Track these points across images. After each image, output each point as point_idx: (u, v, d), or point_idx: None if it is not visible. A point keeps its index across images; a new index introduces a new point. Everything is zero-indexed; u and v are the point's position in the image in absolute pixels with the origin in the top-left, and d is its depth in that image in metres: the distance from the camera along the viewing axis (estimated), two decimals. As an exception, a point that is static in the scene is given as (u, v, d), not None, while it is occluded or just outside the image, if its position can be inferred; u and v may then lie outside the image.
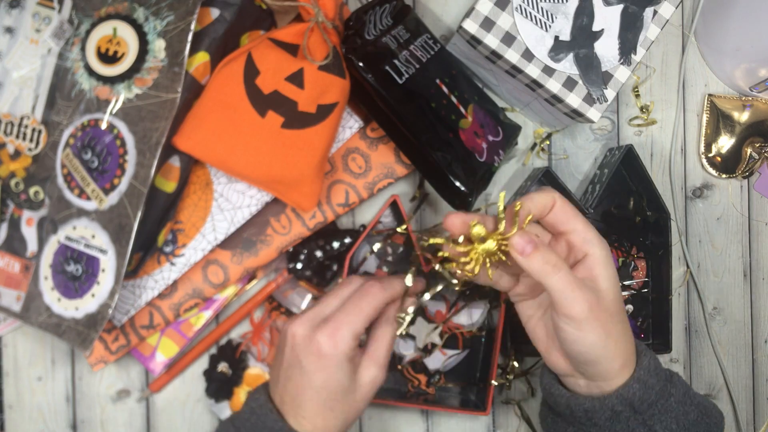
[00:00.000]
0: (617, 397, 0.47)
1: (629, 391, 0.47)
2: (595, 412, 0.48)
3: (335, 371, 0.48)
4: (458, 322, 0.65)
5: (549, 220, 0.49)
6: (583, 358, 0.47)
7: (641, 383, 0.47)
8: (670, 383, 0.49)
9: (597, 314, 0.46)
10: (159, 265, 0.60)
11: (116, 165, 0.53)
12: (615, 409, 0.47)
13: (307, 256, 0.63)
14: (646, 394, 0.47)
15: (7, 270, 0.59)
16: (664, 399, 0.48)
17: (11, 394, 0.65)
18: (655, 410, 0.48)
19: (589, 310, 0.45)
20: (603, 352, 0.46)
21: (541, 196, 0.48)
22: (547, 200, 0.48)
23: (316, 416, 0.48)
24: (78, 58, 0.55)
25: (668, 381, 0.49)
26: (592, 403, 0.48)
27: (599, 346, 0.46)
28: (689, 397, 0.49)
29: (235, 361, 0.64)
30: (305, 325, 0.50)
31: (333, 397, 0.48)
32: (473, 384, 0.66)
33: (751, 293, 0.72)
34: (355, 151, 0.63)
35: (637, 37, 0.59)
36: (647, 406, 0.47)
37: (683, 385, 0.50)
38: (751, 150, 0.71)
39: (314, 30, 0.54)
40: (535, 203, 0.48)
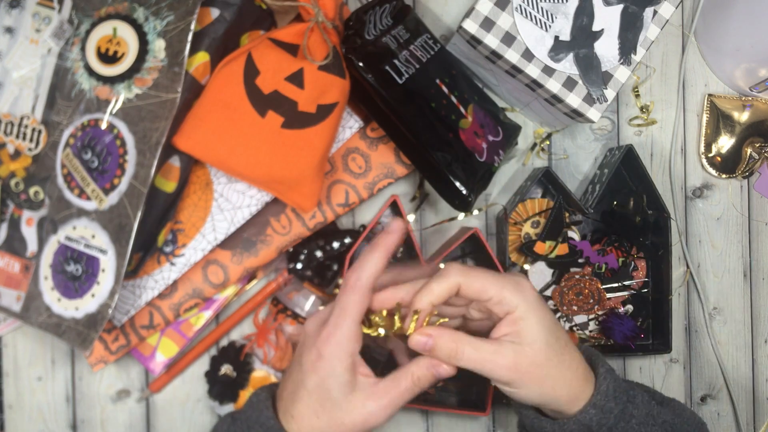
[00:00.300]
0: (575, 423, 0.48)
1: (586, 416, 0.48)
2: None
3: (328, 375, 0.47)
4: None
5: (461, 296, 0.48)
6: (526, 405, 0.50)
7: (598, 408, 0.48)
8: (631, 404, 0.49)
9: (522, 372, 0.47)
10: (159, 265, 0.60)
11: (116, 165, 0.53)
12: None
13: (307, 256, 0.63)
14: (604, 418, 0.48)
15: (7, 270, 0.59)
16: (624, 422, 0.48)
17: (11, 394, 0.65)
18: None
19: (511, 372, 0.46)
20: (541, 399, 0.48)
21: (441, 285, 0.47)
22: (449, 288, 0.47)
23: (303, 418, 0.48)
24: (78, 58, 0.55)
25: (630, 402, 0.49)
26: (552, 427, 0.49)
27: (535, 396, 0.48)
28: (652, 416, 0.49)
29: (239, 364, 0.63)
30: (315, 322, 0.50)
31: (321, 403, 0.47)
32: (473, 384, 0.66)
33: (751, 293, 0.72)
34: (355, 151, 0.63)
35: (637, 37, 0.59)
36: (606, 430, 0.48)
37: (646, 405, 0.50)
38: (751, 150, 0.71)
39: (314, 30, 0.54)
40: (436, 295, 0.47)
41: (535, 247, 0.65)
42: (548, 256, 0.65)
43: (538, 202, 0.66)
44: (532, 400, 0.48)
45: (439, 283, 0.47)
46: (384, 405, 0.47)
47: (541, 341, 0.47)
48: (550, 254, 0.65)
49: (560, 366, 0.48)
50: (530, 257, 0.66)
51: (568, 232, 0.66)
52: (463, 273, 0.47)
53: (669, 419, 0.50)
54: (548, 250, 0.65)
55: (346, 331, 0.47)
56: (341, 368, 0.47)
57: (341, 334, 0.47)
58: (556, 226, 0.65)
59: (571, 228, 0.67)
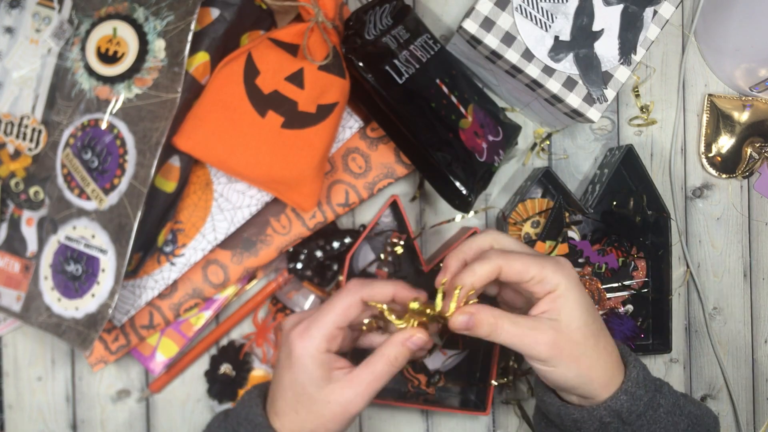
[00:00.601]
0: (605, 409, 0.48)
1: (617, 402, 0.47)
2: (583, 423, 0.49)
3: (300, 372, 0.47)
4: None
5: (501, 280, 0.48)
6: (560, 387, 0.49)
7: (629, 395, 0.48)
8: (659, 394, 0.49)
9: (560, 349, 0.46)
10: (159, 265, 0.60)
11: (116, 165, 0.53)
12: (603, 420, 0.48)
13: (307, 256, 0.63)
14: (634, 405, 0.48)
15: (7, 270, 0.59)
16: (652, 410, 0.48)
17: (11, 394, 0.65)
18: (643, 421, 0.48)
19: (549, 349, 0.46)
20: (577, 380, 0.48)
21: (483, 267, 0.47)
22: (491, 270, 0.47)
23: (285, 415, 0.48)
24: (78, 58, 0.55)
25: (657, 391, 0.49)
26: (581, 414, 0.49)
27: (572, 377, 0.47)
28: (679, 407, 0.50)
29: (238, 363, 0.63)
30: (292, 321, 0.50)
31: (297, 399, 0.47)
32: (473, 384, 0.66)
33: (751, 293, 0.72)
34: (355, 151, 0.63)
35: (637, 37, 0.59)
36: (636, 417, 0.48)
37: (673, 395, 0.50)
38: (751, 150, 0.71)
39: (314, 30, 0.54)
40: (479, 276, 0.47)
41: (535, 247, 0.65)
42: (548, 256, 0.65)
43: (538, 202, 0.66)
44: (567, 381, 0.48)
45: (481, 265, 0.47)
46: (361, 391, 0.47)
47: (579, 320, 0.47)
48: (550, 254, 0.65)
49: (597, 347, 0.48)
50: (530, 257, 0.66)
51: (568, 232, 0.66)
52: (503, 255, 0.47)
53: (693, 410, 0.50)
54: (548, 250, 0.65)
55: (322, 329, 0.47)
56: (312, 365, 0.47)
57: (315, 332, 0.47)
58: (556, 226, 0.65)
59: (571, 228, 0.67)
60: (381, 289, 0.49)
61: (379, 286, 0.49)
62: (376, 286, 0.49)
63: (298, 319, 0.49)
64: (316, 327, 0.47)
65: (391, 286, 0.49)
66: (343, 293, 0.48)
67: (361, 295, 0.48)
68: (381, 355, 0.48)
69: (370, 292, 0.48)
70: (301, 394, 0.47)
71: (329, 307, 0.48)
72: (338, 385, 0.47)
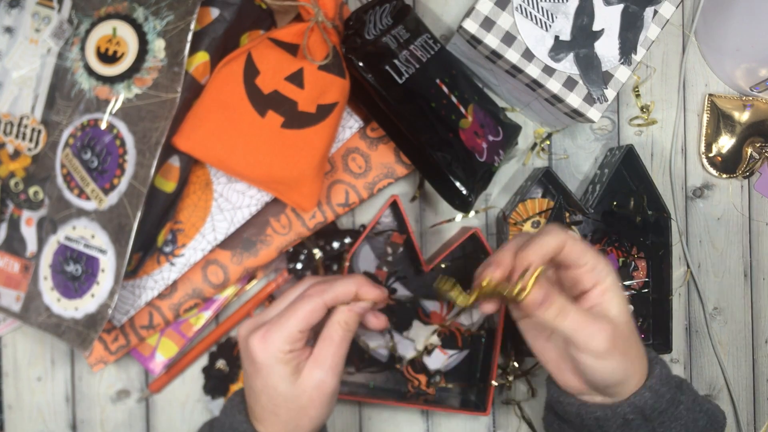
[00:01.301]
0: (629, 405, 0.48)
1: (641, 399, 0.47)
2: (606, 420, 0.48)
3: (268, 376, 0.47)
4: (458, 322, 0.65)
5: (558, 260, 0.48)
6: (605, 384, 0.48)
7: (653, 392, 0.48)
8: (679, 391, 0.49)
9: (614, 342, 0.46)
10: (159, 265, 0.60)
11: (116, 165, 0.53)
12: (626, 417, 0.48)
13: (307, 256, 0.63)
14: (657, 402, 0.48)
15: (6, 270, 0.59)
16: (674, 407, 0.49)
17: (11, 395, 0.65)
18: (665, 418, 0.48)
19: (607, 341, 0.46)
20: (623, 375, 0.48)
21: (550, 240, 0.47)
22: (557, 245, 0.47)
23: (264, 420, 0.48)
24: (77, 58, 0.55)
25: (678, 389, 0.49)
26: (604, 412, 0.48)
27: (620, 371, 0.47)
28: (698, 404, 0.50)
29: (233, 359, 0.64)
30: (248, 328, 0.49)
31: (274, 402, 0.47)
32: (473, 384, 0.66)
33: (751, 293, 0.72)
34: (355, 151, 0.63)
35: (637, 37, 0.58)
36: (658, 414, 0.48)
37: (692, 392, 0.50)
38: (751, 150, 0.71)
39: (314, 30, 0.54)
40: (546, 249, 0.47)
41: (536, 247, 0.65)
42: (548, 256, 0.65)
43: (538, 202, 0.66)
44: (614, 375, 0.47)
45: (548, 238, 0.47)
46: (329, 366, 0.47)
47: (623, 316, 0.47)
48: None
49: (637, 344, 0.48)
50: (530, 257, 0.66)
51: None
52: (567, 235, 0.48)
53: (710, 408, 0.51)
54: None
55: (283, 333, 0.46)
56: (278, 365, 0.47)
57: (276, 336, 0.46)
58: (557, 226, 0.65)
59: (571, 228, 0.67)
60: (344, 289, 0.48)
61: (342, 287, 0.48)
62: (338, 288, 0.48)
63: (254, 325, 0.49)
64: (276, 332, 0.47)
65: (353, 284, 0.48)
66: (305, 299, 0.48)
67: (323, 300, 0.47)
68: (332, 323, 0.48)
69: (333, 295, 0.48)
70: (275, 396, 0.47)
71: (291, 312, 0.47)
72: (305, 371, 0.47)
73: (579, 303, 0.48)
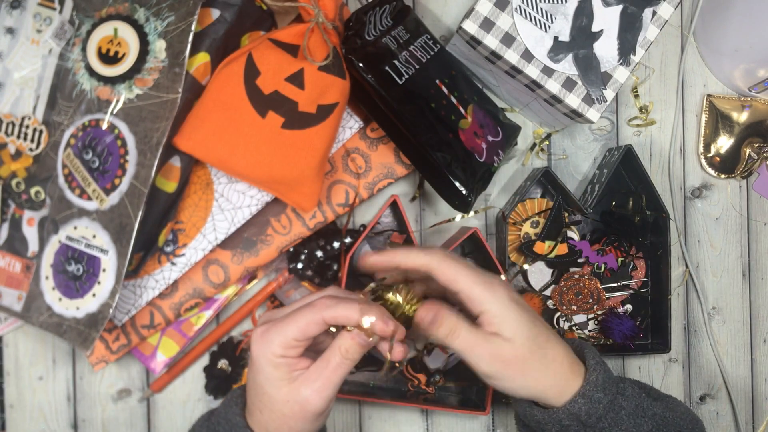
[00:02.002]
0: (563, 412, 0.48)
1: (575, 406, 0.48)
2: (545, 425, 0.50)
3: (258, 373, 0.47)
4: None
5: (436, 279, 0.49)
6: (512, 395, 0.50)
7: (587, 398, 0.48)
8: (621, 396, 0.49)
9: (505, 364, 0.47)
10: (160, 264, 0.60)
11: (117, 165, 0.53)
12: (563, 423, 0.49)
13: (308, 255, 0.63)
14: (593, 408, 0.48)
15: (8, 270, 0.59)
16: (613, 412, 0.49)
17: (12, 394, 0.65)
18: (604, 423, 0.49)
19: (494, 365, 0.47)
20: (525, 392, 0.49)
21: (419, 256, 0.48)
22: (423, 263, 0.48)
23: (252, 414, 0.48)
24: (79, 59, 0.56)
25: (619, 394, 0.49)
26: (542, 416, 0.50)
27: (518, 389, 0.49)
28: (642, 409, 0.50)
29: (235, 359, 0.64)
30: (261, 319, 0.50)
31: (260, 398, 0.47)
32: (473, 383, 0.66)
33: (749, 293, 0.72)
34: (355, 151, 0.63)
35: (636, 38, 0.59)
36: (596, 420, 0.48)
37: (636, 397, 0.50)
38: (749, 150, 0.71)
39: (314, 30, 0.54)
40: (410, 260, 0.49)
41: (535, 247, 0.65)
42: (548, 256, 0.65)
43: (537, 202, 0.67)
44: (517, 393, 0.49)
45: (419, 254, 0.48)
46: (318, 387, 0.46)
47: (521, 336, 0.47)
48: (549, 254, 0.65)
49: (544, 359, 0.48)
50: (530, 257, 0.66)
51: (567, 232, 0.67)
52: (443, 257, 0.48)
53: (659, 412, 0.51)
54: (548, 250, 0.65)
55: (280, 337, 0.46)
56: (269, 367, 0.46)
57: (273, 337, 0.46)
58: (556, 226, 0.65)
59: (570, 228, 0.67)
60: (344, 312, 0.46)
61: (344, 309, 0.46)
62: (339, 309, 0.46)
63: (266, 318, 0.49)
64: (275, 333, 0.46)
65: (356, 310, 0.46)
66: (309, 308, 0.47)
67: (323, 316, 0.46)
68: (333, 347, 0.47)
69: (334, 315, 0.46)
70: (261, 395, 0.47)
71: (292, 318, 0.47)
72: (295, 384, 0.46)
73: (478, 322, 0.48)
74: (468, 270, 0.48)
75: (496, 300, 0.47)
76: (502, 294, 0.48)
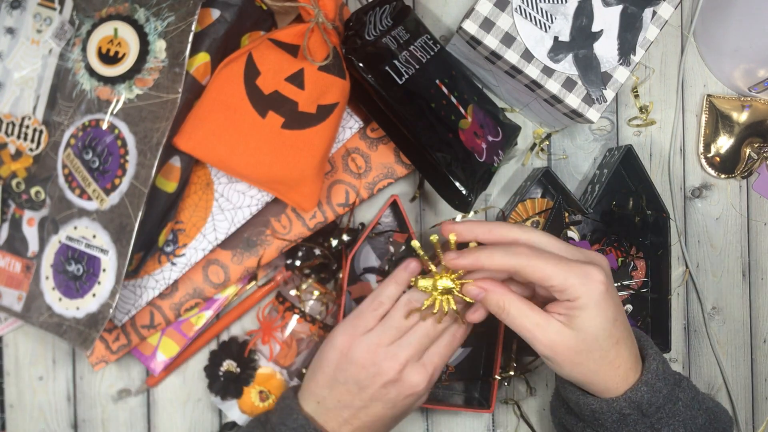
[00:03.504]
0: (625, 400, 0.48)
1: (637, 394, 0.47)
2: (602, 414, 0.49)
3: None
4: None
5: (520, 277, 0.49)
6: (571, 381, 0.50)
7: (649, 386, 0.48)
8: (678, 387, 0.49)
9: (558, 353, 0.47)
10: (160, 264, 0.60)
11: (117, 165, 0.54)
12: (623, 412, 0.48)
13: (306, 253, 0.63)
14: (654, 397, 0.48)
15: (8, 270, 0.59)
16: (671, 403, 0.48)
17: (12, 394, 0.65)
18: (662, 414, 0.48)
19: (547, 350, 0.47)
20: (579, 381, 0.49)
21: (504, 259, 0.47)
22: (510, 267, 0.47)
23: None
24: (79, 59, 0.56)
25: (677, 385, 0.49)
26: (599, 405, 0.49)
27: (573, 377, 0.48)
28: (698, 401, 0.50)
29: (243, 360, 0.63)
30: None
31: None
32: (477, 380, 0.66)
33: (750, 293, 0.72)
34: (355, 151, 0.63)
35: (636, 38, 0.59)
36: (655, 410, 0.48)
37: (692, 389, 0.50)
38: (749, 150, 0.71)
39: (314, 31, 0.54)
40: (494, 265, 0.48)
41: (535, 247, 0.65)
42: (548, 256, 0.65)
43: (537, 202, 0.67)
44: (571, 378, 0.49)
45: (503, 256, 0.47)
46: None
47: (590, 335, 0.47)
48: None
49: (601, 361, 0.47)
50: (530, 257, 0.66)
51: (567, 232, 0.67)
52: (530, 255, 0.47)
53: (711, 406, 0.51)
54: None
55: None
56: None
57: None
58: (556, 226, 0.65)
59: (570, 228, 0.67)
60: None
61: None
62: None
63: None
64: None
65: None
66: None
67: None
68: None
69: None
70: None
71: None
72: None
73: (548, 305, 0.48)
74: (558, 262, 0.47)
75: (587, 293, 0.46)
76: (595, 287, 0.46)
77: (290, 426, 0.52)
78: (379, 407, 0.52)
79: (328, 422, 0.52)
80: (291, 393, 0.55)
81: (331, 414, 0.52)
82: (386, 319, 0.53)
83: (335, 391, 0.52)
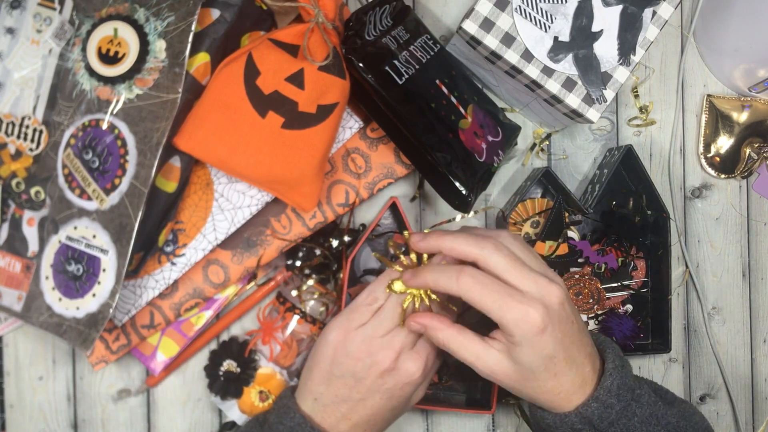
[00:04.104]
0: (576, 416, 0.48)
1: (588, 410, 0.48)
2: (555, 428, 0.50)
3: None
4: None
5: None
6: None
7: (599, 402, 0.48)
8: (635, 403, 0.49)
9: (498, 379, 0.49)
10: (160, 264, 0.60)
11: (117, 165, 0.54)
12: (574, 427, 0.48)
13: (306, 253, 0.63)
14: (606, 413, 0.48)
15: (8, 270, 0.59)
16: (626, 418, 0.48)
17: (12, 394, 0.65)
18: (616, 429, 0.48)
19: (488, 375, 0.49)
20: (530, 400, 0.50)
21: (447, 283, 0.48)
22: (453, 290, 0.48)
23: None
24: (79, 59, 0.56)
25: (634, 401, 0.49)
26: (553, 419, 0.49)
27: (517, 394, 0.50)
28: (656, 417, 0.50)
29: (244, 360, 0.63)
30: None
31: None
32: (477, 381, 0.66)
33: (749, 293, 0.72)
34: (355, 151, 0.63)
35: (636, 38, 0.59)
36: (608, 425, 0.48)
37: (651, 405, 0.50)
38: (749, 150, 0.71)
39: (314, 30, 0.54)
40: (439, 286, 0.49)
41: (535, 247, 0.65)
42: (548, 256, 0.65)
43: (537, 202, 0.67)
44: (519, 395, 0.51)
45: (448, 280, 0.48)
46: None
47: (525, 368, 0.47)
48: (550, 254, 0.65)
49: (539, 389, 0.48)
50: (530, 257, 0.66)
51: (567, 232, 0.67)
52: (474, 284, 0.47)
53: (674, 421, 0.50)
54: (548, 250, 0.65)
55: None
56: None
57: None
58: (556, 226, 0.65)
59: (570, 228, 0.67)
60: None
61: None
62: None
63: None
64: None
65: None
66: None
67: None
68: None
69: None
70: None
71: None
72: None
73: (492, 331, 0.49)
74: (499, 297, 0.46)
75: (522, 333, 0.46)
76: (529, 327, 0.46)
77: (287, 425, 0.52)
78: (377, 398, 0.52)
79: (326, 419, 0.52)
80: (288, 392, 0.55)
81: (329, 410, 0.52)
82: (380, 312, 0.53)
83: (332, 386, 0.52)
